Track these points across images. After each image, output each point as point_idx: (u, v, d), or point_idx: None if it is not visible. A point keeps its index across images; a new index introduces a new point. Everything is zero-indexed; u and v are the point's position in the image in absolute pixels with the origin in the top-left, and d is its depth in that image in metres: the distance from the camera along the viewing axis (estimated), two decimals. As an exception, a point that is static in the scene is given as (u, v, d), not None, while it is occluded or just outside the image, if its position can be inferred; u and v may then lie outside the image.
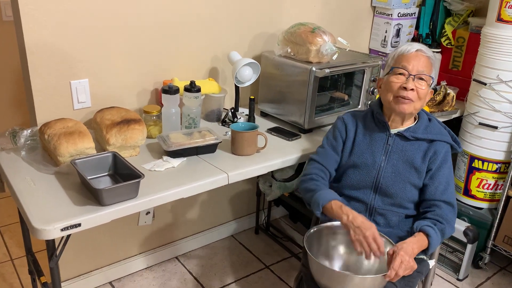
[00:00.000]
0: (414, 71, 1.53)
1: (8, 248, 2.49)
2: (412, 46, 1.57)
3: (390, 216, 1.59)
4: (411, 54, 1.55)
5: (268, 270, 2.42)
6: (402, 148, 1.59)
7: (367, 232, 1.41)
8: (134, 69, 1.93)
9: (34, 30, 1.64)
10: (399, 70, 1.55)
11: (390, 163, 1.59)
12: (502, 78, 2.17)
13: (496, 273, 2.48)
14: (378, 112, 1.64)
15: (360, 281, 1.37)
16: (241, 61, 1.96)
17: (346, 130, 1.67)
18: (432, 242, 1.46)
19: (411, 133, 1.59)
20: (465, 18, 2.63)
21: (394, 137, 1.60)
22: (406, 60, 1.54)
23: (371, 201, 1.60)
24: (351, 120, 1.69)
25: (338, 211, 1.48)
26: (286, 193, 2.39)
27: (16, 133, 1.67)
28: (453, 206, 1.57)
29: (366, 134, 1.64)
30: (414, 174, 1.57)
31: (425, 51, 1.56)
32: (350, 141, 1.66)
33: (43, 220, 1.28)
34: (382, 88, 1.61)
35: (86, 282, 2.16)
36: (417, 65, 1.53)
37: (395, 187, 1.57)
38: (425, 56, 1.55)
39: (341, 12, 2.54)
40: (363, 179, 1.60)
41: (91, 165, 1.51)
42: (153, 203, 1.44)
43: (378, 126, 1.64)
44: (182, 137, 1.72)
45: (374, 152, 1.61)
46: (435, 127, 1.62)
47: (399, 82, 1.54)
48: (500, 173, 2.33)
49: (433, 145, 1.58)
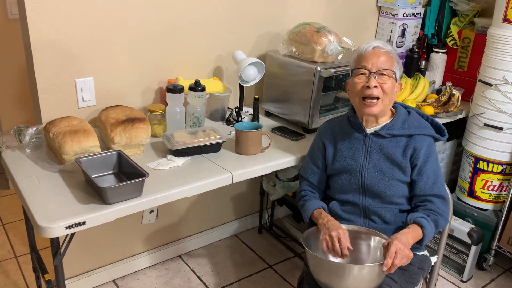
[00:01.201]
0: (374, 68, 1.52)
1: (12, 246, 2.50)
2: (369, 44, 1.56)
3: (384, 213, 1.59)
4: (368, 52, 1.54)
5: (271, 269, 2.42)
6: (381, 146, 1.58)
7: (333, 233, 1.48)
8: (139, 68, 1.93)
9: (40, 28, 1.64)
10: (360, 70, 1.54)
11: (372, 162, 1.58)
12: (508, 79, 2.16)
13: (500, 275, 2.47)
14: (352, 115, 1.64)
15: (358, 271, 1.37)
16: (246, 61, 1.96)
17: (322, 141, 1.68)
18: (426, 233, 1.48)
19: (387, 130, 1.58)
20: (471, 19, 2.62)
21: (370, 136, 1.60)
22: (364, 59, 1.54)
23: (362, 201, 1.61)
24: (328, 129, 1.70)
25: (317, 217, 1.59)
26: (290, 193, 2.38)
27: (21, 131, 1.68)
28: (445, 198, 1.57)
29: (345, 139, 1.64)
30: (397, 170, 1.57)
31: (382, 47, 1.55)
32: (330, 149, 1.66)
33: (47, 218, 1.28)
34: (350, 91, 1.61)
35: (89, 280, 2.17)
36: (376, 62, 1.52)
37: (381, 185, 1.57)
38: (383, 51, 1.54)
39: (346, 11, 2.53)
40: (349, 183, 1.62)
41: (95, 163, 1.51)
42: (157, 202, 1.45)
43: (355, 128, 1.63)
44: (186, 136, 1.72)
45: (354, 154, 1.61)
46: (414, 121, 1.61)
47: (361, 82, 1.53)
48: (505, 174, 2.32)
49: (412, 140, 1.57)
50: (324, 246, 1.49)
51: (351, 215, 1.62)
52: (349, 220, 1.61)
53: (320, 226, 1.55)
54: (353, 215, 1.62)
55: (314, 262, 1.45)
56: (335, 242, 1.46)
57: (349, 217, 1.62)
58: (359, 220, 1.61)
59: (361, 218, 1.62)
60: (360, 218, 1.62)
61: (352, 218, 1.62)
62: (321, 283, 1.44)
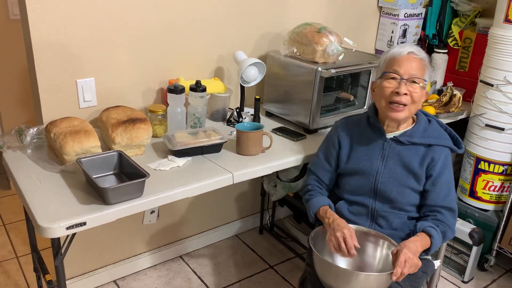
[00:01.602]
0: (406, 75, 1.49)
1: (13, 246, 2.50)
2: (404, 48, 1.52)
3: (392, 218, 1.58)
4: (402, 57, 1.50)
5: (272, 270, 2.42)
6: (399, 153, 1.56)
7: (338, 233, 1.46)
8: (140, 68, 1.93)
9: (41, 28, 1.64)
10: (391, 74, 1.51)
11: (387, 168, 1.57)
12: (509, 80, 2.15)
13: (501, 276, 2.46)
14: (373, 117, 1.61)
15: (365, 278, 1.37)
16: (247, 61, 1.96)
17: (338, 139, 1.66)
18: (434, 243, 1.47)
19: (407, 137, 1.56)
20: (472, 19, 2.62)
21: (389, 142, 1.58)
22: (397, 63, 1.50)
23: (372, 204, 1.59)
24: (345, 127, 1.67)
25: (322, 216, 1.57)
26: (291, 193, 2.38)
27: (22, 131, 1.68)
28: (454, 211, 1.56)
29: (362, 140, 1.62)
30: (412, 178, 1.55)
31: (417, 53, 1.52)
32: (345, 149, 1.64)
33: (48, 218, 1.28)
34: (375, 93, 1.58)
35: (90, 280, 2.17)
36: (409, 68, 1.49)
37: (394, 191, 1.56)
38: (417, 58, 1.51)
39: (347, 12, 2.53)
40: (361, 185, 1.60)
41: (96, 164, 1.51)
42: (158, 202, 1.45)
43: (374, 131, 1.61)
44: (187, 136, 1.72)
45: (371, 157, 1.59)
46: (434, 130, 1.59)
47: (391, 87, 1.50)
48: (507, 175, 2.31)
49: (430, 150, 1.55)
50: (331, 248, 1.48)
51: (358, 217, 1.61)
52: (356, 223, 1.60)
53: (326, 226, 1.54)
54: (360, 217, 1.61)
55: (321, 265, 1.44)
56: (341, 242, 1.45)
57: (356, 219, 1.61)
58: (365, 223, 1.60)
59: (367, 221, 1.60)
60: (367, 221, 1.60)
61: (358, 221, 1.60)
62: (327, 285, 1.44)
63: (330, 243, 1.48)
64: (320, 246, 1.53)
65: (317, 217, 1.61)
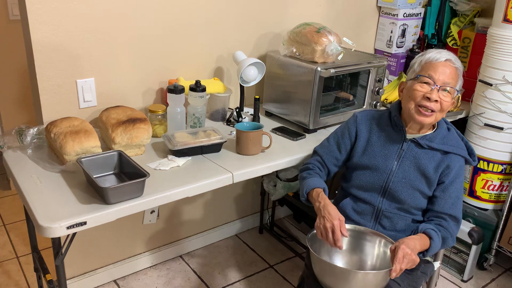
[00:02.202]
0: (440, 81, 1.48)
1: (13, 246, 2.51)
2: (441, 54, 1.51)
3: (396, 220, 1.58)
4: (439, 63, 1.49)
5: (272, 269, 2.43)
6: (416, 155, 1.56)
7: (327, 224, 1.44)
8: (139, 68, 1.93)
9: (41, 29, 1.65)
10: (425, 79, 1.50)
11: (402, 168, 1.56)
12: (508, 79, 2.16)
13: (500, 275, 2.47)
14: (396, 115, 1.60)
15: (363, 277, 1.38)
16: (246, 61, 1.97)
17: (356, 131, 1.65)
18: (433, 245, 1.46)
19: (426, 141, 1.56)
20: (471, 19, 2.62)
21: (409, 143, 1.58)
22: (433, 69, 1.49)
23: (378, 203, 1.59)
24: (365, 120, 1.66)
25: (314, 198, 1.54)
26: (291, 193, 2.39)
27: (23, 131, 1.68)
28: (459, 221, 1.56)
29: (380, 136, 1.61)
30: (424, 182, 1.55)
31: (454, 62, 1.51)
32: (362, 141, 1.63)
33: (49, 218, 1.29)
34: (404, 93, 1.57)
35: (91, 280, 2.18)
36: (443, 75, 1.48)
37: (404, 193, 1.55)
38: (454, 67, 1.50)
39: (347, 12, 2.54)
40: (372, 181, 1.59)
41: (96, 163, 1.52)
42: (158, 202, 1.45)
43: (395, 129, 1.61)
44: (187, 136, 1.73)
45: (386, 155, 1.58)
46: (453, 139, 1.59)
47: (423, 91, 1.50)
48: (506, 174, 2.32)
49: (447, 157, 1.55)
50: (318, 234, 1.47)
51: (361, 216, 1.61)
52: (358, 223, 1.60)
53: (316, 210, 1.52)
54: (363, 216, 1.60)
55: (319, 265, 1.44)
56: (329, 233, 1.44)
57: (359, 219, 1.61)
58: (369, 224, 1.60)
59: (371, 221, 1.60)
60: (371, 221, 1.60)
61: (361, 220, 1.60)
62: (325, 285, 1.45)
63: (318, 231, 1.47)
64: (318, 246, 1.53)
65: (309, 198, 1.59)
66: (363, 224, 1.59)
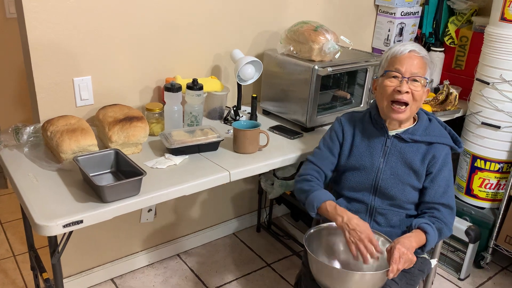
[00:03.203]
0: (407, 73, 1.49)
1: (10, 244, 2.50)
2: (405, 46, 1.52)
3: (390, 216, 1.59)
4: (404, 55, 1.50)
5: (269, 268, 2.43)
6: (401, 150, 1.57)
7: (363, 235, 1.42)
8: (136, 66, 1.93)
9: (38, 27, 1.64)
10: (393, 73, 1.51)
11: (389, 165, 1.57)
12: (505, 78, 2.16)
13: (497, 273, 2.48)
14: (376, 114, 1.62)
15: (360, 278, 1.38)
16: (244, 59, 1.96)
17: (343, 132, 1.66)
18: (429, 239, 1.46)
19: (409, 135, 1.57)
20: (469, 17, 2.63)
21: (392, 139, 1.58)
22: (399, 62, 1.50)
23: (371, 202, 1.60)
24: (349, 122, 1.67)
25: (332, 212, 1.50)
26: (288, 192, 2.39)
27: (19, 129, 1.68)
28: (452, 208, 1.56)
29: (364, 136, 1.63)
30: (413, 176, 1.56)
31: (418, 51, 1.51)
32: (348, 143, 1.64)
33: (45, 217, 1.28)
34: (377, 91, 1.58)
35: (88, 278, 2.17)
36: (410, 67, 1.49)
37: (394, 189, 1.56)
38: (419, 57, 1.51)
39: (344, 10, 2.54)
40: (362, 181, 1.60)
41: (93, 162, 1.51)
42: (155, 200, 1.45)
43: (376, 127, 1.62)
44: (184, 134, 1.72)
45: (372, 154, 1.59)
46: (435, 129, 1.60)
47: (393, 86, 1.51)
48: (503, 172, 2.32)
49: (432, 148, 1.56)
50: (353, 250, 1.43)
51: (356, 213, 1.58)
52: None
53: (342, 226, 1.46)
54: (358, 214, 1.58)
55: (317, 266, 1.44)
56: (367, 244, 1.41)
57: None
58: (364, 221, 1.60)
59: (366, 218, 1.60)
60: (365, 218, 1.60)
61: None
62: (323, 285, 1.45)
63: (352, 246, 1.43)
64: (315, 247, 1.53)
65: (320, 211, 1.54)
66: None
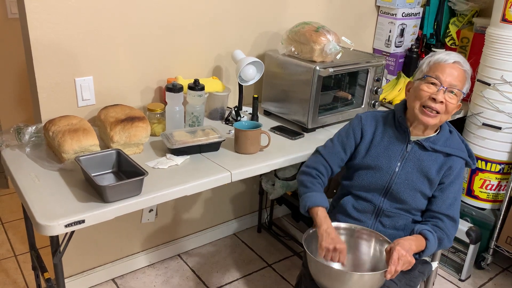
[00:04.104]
0: (446, 83, 1.48)
1: (11, 244, 2.51)
2: (450, 56, 1.51)
3: (397, 219, 1.58)
4: (447, 64, 1.49)
5: (270, 268, 2.43)
6: (419, 157, 1.56)
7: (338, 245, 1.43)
8: (138, 67, 1.93)
9: (39, 27, 1.65)
10: (432, 79, 1.50)
11: (405, 170, 1.56)
12: (506, 79, 2.17)
13: (498, 274, 2.48)
14: (401, 116, 1.60)
15: (359, 278, 1.38)
16: (245, 60, 1.97)
17: (362, 131, 1.64)
18: (429, 246, 1.47)
19: (430, 143, 1.56)
20: (470, 19, 2.63)
21: (413, 144, 1.58)
22: (441, 70, 1.49)
23: (380, 203, 1.59)
24: (370, 121, 1.65)
25: (320, 218, 1.51)
26: (289, 192, 2.39)
27: (21, 129, 1.68)
28: (456, 221, 1.56)
29: (384, 137, 1.61)
30: (426, 184, 1.55)
31: (462, 64, 1.50)
32: (366, 142, 1.62)
33: (47, 216, 1.29)
34: (410, 93, 1.57)
35: (89, 278, 2.18)
36: (451, 77, 1.48)
37: (406, 194, 1.56)
38: (462, 70, 1.50)
39: (345, 11, 2.54)
40: (375, 182, 1.59)
41: (95, 162, 1.52)
42: (156, 200, 1.45)
43: (399, 130, 1.60)
44: (185, 135, 1.73)
45: (390, 156, 1.58)
46: (455, 141, 1.59)
47: (429, 92, 1.49)
48: (503, 174, 2.32)
49: (449, 159, 1.56)
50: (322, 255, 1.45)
51: (362, 214, 1.61)
52: (358, 220, 1.60)
53: (322, 233, 1.48)
54: (364, 214, 1.61)
55: (315, 267, 1.44)
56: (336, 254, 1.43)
57: (359, 216, 1.61)
58: (369, 221, 1.60)
59: (371, 218, 1.60)
60: (371, 218, 1.60)
61: (361, 217, 1.60)
62: (322, 286, 1.45)
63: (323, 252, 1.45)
64: (314, 247, 1.53)
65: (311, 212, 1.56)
66: (363, 221, 1.60)
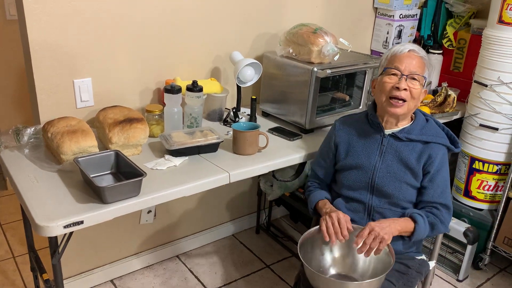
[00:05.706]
0: (406, 71, 1.54)
1: (10, 246, 2.51)
2: (405, 46, 1.58)
3: (389, 215, 1.60)
4: (403, 54, 1.56)
5: (268, 269, 2.43)
6: (396, 149, 1.60)
7: (333, 214, 1.53)
8: (137, 68, 1.94)
9: (38, 28, 1.65)
10: (392, 70, 1.56)
11: (385, 163, 1.60)
12: (503, 80, 2.17)
13: (496, 274, 2.48)
14: (372, 114, 1.65)
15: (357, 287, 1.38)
16: (243, 61, 1.97)
17: (335, 135, 1.70)
18: (417, 229, 1.51)
19: (405, 134, 1.60)
20: (467, 20, 2.64)
21: (388, 137, 1.61)
22: (398, 60, 1.55)
23: (368, 200, 1.62)
24: (344, 125, 1.71)
25: (321, 207, 1.64)
26: (287, 193, 2.39)
27: (20, 131, 1.69)
28: (449, 208, 1.60)
29: (361, 136, 1.66)
30: (409, 174, 1.58)
31: (417, 51, 1.57)
32: (343, 145, 1.68)
33: (46, 217, 1.29)
34: (376, 89, 1.63)
35: (87, 280, 2.18)
36: (409, 65, 1.54)
37: (391, 186, 1.58)
38: (418, 56, 1.56)
39: (343, 13, 2.55)
40: (359, 180, 1.62)
41: (93, 163, 1.52)
42: (155, 201, 1.46)
43: (373, 127, 1.65)
44: (184, 136, 1.73)
45: (369, 153, 1.62)
46: (432, 128, 1.63)
47: (391, 82, 1.55)
48: (501, 174, 2.33)
49: (428, 147, 1.58)
50: (322, 226, 1.51)
51: (354, 213, 1.63)
52: (353, 220, 1.60)
53: (323, 215, 1.58)
54: (357, 213, 1.63)
55: (312, 277, 1.44)
56: (335, 221, 1.50)
57: (353, 216, 1.62)
58: (362, 220, 1.62)
59: (364, 217, 1.62)
60: (364, 217, 1.62)
61: (355, 217, 1.62)
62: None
63: (322, 222, 1.53)
64: (310, 254, 1.53)
65: (317, 209, 1.67)
66: (357, 220, 1.61)
